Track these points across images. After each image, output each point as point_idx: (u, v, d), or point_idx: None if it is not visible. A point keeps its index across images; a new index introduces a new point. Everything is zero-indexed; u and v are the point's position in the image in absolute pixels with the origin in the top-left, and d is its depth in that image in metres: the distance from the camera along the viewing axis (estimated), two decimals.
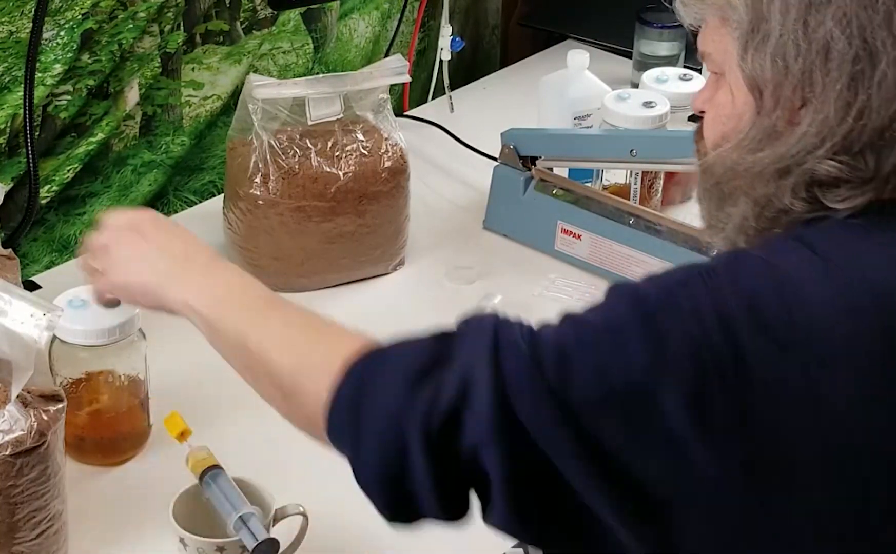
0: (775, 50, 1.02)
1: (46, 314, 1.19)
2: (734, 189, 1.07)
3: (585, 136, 1.89)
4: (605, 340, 0.97)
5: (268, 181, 1.67)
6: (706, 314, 0.96)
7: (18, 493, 1.18)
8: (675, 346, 0.95)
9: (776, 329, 0.95)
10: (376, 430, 1.02)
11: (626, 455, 0.95)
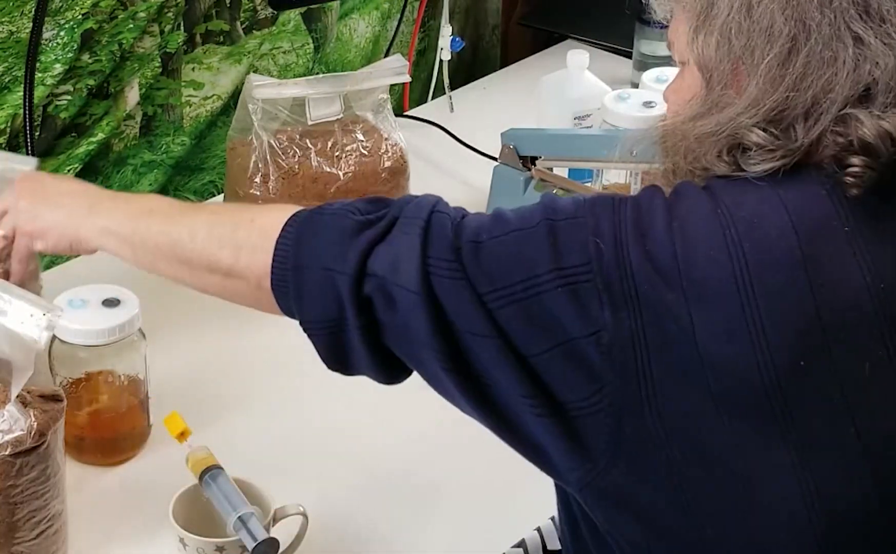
0: (721, 30, 1.09)
1: (46, 314, 1.19)
2: (667, 147, 1.14)
3: (585, 136, 1.88)
4: (513, 240, 1.06)
5: (268, 181, 1.67)
6: (604, 233, 1.04)
7: (18, 493, 1.18)
8: (570, 257, 1.03)
9: (661, 259, 1.02)
10: (314, 284, 1.11)
11: (526, 347, 1.04)
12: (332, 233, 1.12)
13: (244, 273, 1.17)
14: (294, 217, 1.15)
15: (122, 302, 1.40)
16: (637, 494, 1.04)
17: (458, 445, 1.42)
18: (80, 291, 1.41)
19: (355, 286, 1.08)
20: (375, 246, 1.09)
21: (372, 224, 1.11)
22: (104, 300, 1.40)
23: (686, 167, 1.11)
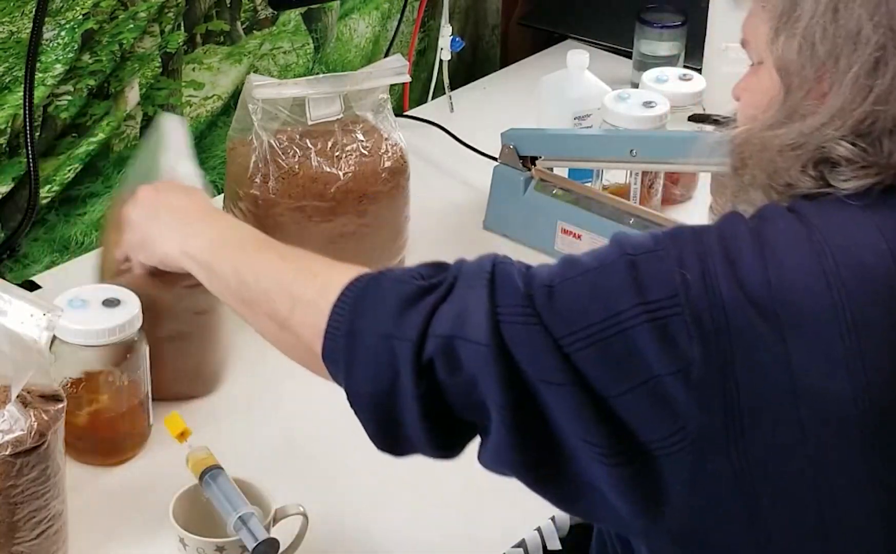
0: (804, 33, 1.03)
1: (46, 314, 1.19)
2: (746, 159, 1.09)
3: (585, 136, 1.89)
4: (591, 280, 1.01)
5: (268, 181, 1.67)
6: (689, 265, 0.99)
7: (18, 493, 1.18)
8: (655, 291, 0.99)
9: (753, 287, 0.98)
10: (369, 352, 1.05)
11: (607, 389, 0.98)
12: (392, 299, 1.06)
13: (297, 330, 1.13)
14: (355, 281, 1.10)
15: (122, 302, 1.40)
16: (708, 531, 1.00)
17: None
18: (80, 291, 1.41)
19: (416, 351, 1.03)
20: (438, 307, 1.04)
21: (434, 288, 1.07)
22: (104, 300, 1.40)
23: (766, 181, 1.07)
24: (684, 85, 1.98)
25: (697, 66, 2.12)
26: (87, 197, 1.89)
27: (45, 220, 1.84)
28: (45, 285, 1.70)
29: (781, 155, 1.05)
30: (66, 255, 1.86)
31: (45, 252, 1.85)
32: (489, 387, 1.00)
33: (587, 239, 1.78)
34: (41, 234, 1.84)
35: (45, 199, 1.82)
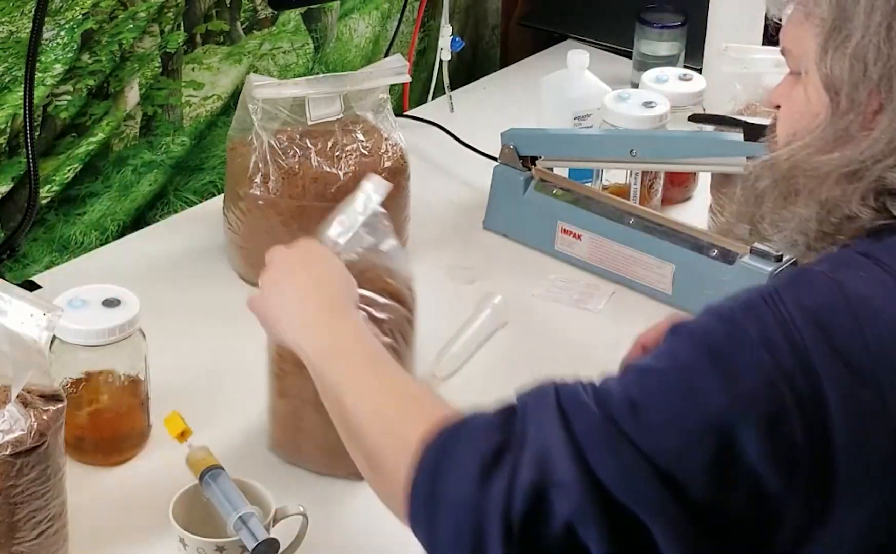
0: (856, 52, 1.00)
1: (46, 314, 1.19)
2: (799, 188, 1.04)
3: (585, 136, 1.88)
4: (675, 385, 0.95)
5: (268, 181, 1.67)
6: (776, 341, 0.93)
7: (18, 493, 1.18)
8: (748, 380, 0.93)
9: (848, 351, 0.93)
10: (452, 523, 0.99)
11: (712, 497, 0.93)
12: (472, 461, 0.98)
13: (383, 469, 1.08)
14: (437, 436, 1.02)
15: (122, 302, 1.40)
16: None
17: None
18: (80, 291, 1.41)
19: (504, 516, 0.95)
20: (518, 462, 0.96)
21: (510, 440, 0.98)
22: (104, 300, 1.40)
23: (818, 212, 1.03)
24: (684, 85, 1.97)
25: (697, 66, 2.12)
26: (87, 197, 1.89)
27: (44, 220, 1.84)
28: (45, 285, 1.70)
29: (838, 185, 1.01)
30: (66, 255, 1.86)
31: (44, 252, 1.85)
32: (588, 530, 0.93)
33: (587, 239, 1.78)
34: (41, 234, 1.84)
35: (44, 199, 1.82)
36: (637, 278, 1.74)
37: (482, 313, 1.65)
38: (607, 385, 0.98)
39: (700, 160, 1.76)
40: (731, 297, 1.00)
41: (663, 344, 0.99)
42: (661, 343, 1.00)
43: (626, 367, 1.00)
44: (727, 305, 0.98)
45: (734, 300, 0.98)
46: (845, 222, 1.02)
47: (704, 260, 1.69)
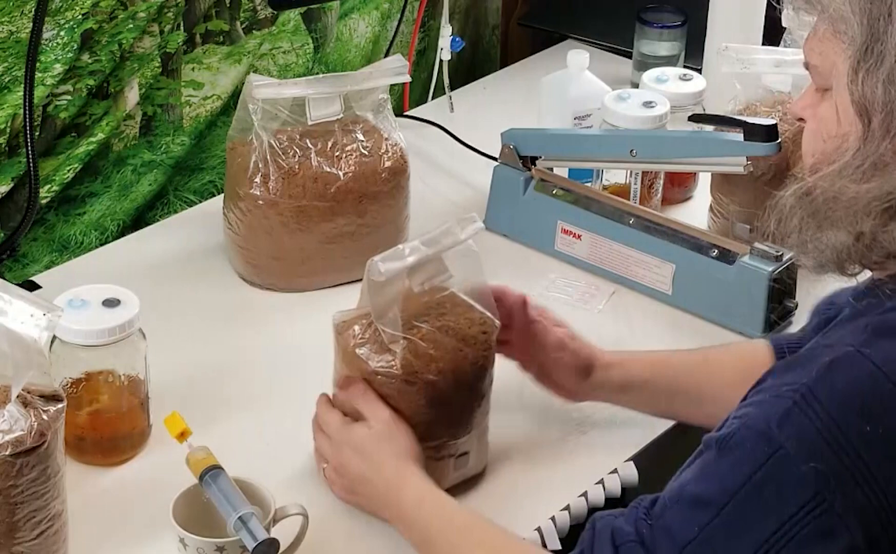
0: (890, 75, 0.98)
1: (46, 314, 1.19)
2: (833, 218, 1.03)
3: (585, 136, 1.88)
4: (726, 516, 0.98)
5: (268, 181, 1.67)
6: (817, 449, 0.94)
7: (18, 493, 1.18)
8: (794, 499, 0.94)
9: (893, 440, 0.94)
10: None
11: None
12: None
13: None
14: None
15: (122, 302, 1.40)
16: None
17: None
18: (80, 290, 1.41)
19: None
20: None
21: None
22: (104, 300, 1.40)
23: (858, 247, 1.02)
24: (684, 85, 1.97)
25: (697, 66, 2.12)
26: (87, 197, 1.89)
27: (44, 220, 1.84)
28: (45, 285, 1.70)
29: (870, 216, 0.99)
30: (66, 255, 1.86)
31: (44, 252, 1.85)
32: None
33: (587, 239, 1.78)
34: (40, 233, 1.84)
35: (44, 199, 1.81)
36: (637, 278, 1.74)
37: None
38: (656, 533, 1.01)
39: (700, 160, 1.76)
40: (762, 401, 0.99)
41: (708, 460, 1.00)
42: (704, 455, 1.01)
43: (682, 488, 1.02)
44: (763, 415, 0.97)
45: (769, 405, 0.97)
46: (881, 253, 1.01)
47: (704, 260, 1.69)
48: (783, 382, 1.00)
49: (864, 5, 1.00)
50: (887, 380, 0.96)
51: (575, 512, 1.40)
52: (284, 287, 1.72)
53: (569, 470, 1.45)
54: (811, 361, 1.01)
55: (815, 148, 1.07)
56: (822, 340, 1.04)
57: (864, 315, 1.03)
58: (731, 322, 1.67)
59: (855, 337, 1.00)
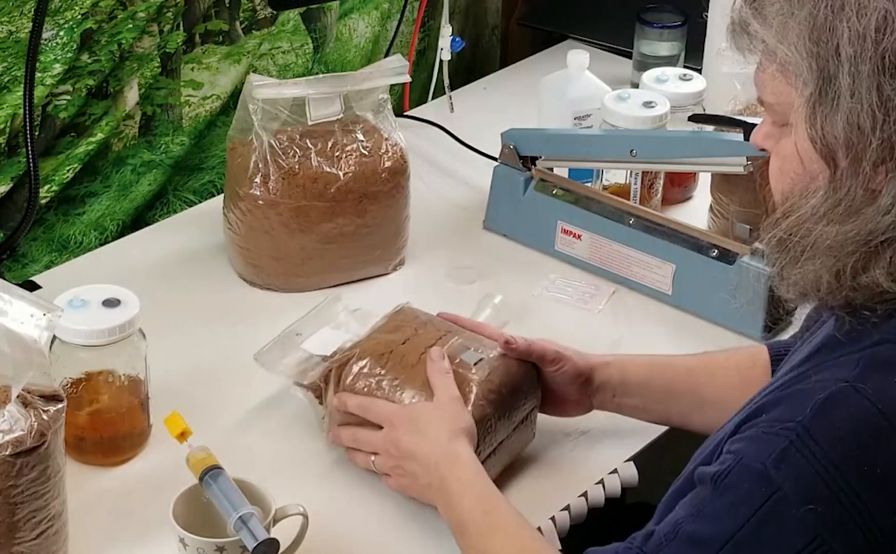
0: (849, 116, 0.96)
1: (46, 314, 1.19)
2: (808, 259, 1.02)
3: (585, 136, 1.88)
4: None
5: (268, 181, 1.67)
6: (816, 492, 0.94)
7: (18, 493, 1.18)
8: (794, 543, 0.94)
9: (894, 472, 0.94)
10: None
11: None
12: None
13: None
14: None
15: (122, 302, 1.40)
16: None
17: None
18: (80, 290, 1.41)
19: None
20: None
21: None
22: (104, 300, 1.40)
23: (837, 281, 1.01)
24: (684, 85, 1.97)
25: (697, 66, 2.12)
26: (86, 197, 1.89)
27: (44, 220, 1.84)
28: (45, 285, 1.70)
29: (848, 253, 0.98)
30: (66, 255, 1.86)
31: (44, 252, 1.85)
32: None
33: (587, 239, 1.78)
34: (40, 233, 1.84)
35: (44, 199, 1.81)
36: (637, 278, 1.74)
37: (482, 313, 1.65)
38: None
39: (700, 160, 1.75)
40: (762, 427, 0.99)
41: (704, 498, 1.00)
42: (699, 491, 1.01)
43: (677, 526, 1.01)
44: (759, 454, 0.97)
45: (765, 443, 0.97)
46: (865, 293, 1.00)
47: (704, 260, 1.69)
48: (776, 419, 1.00)
49: (812, 49, 0.98)
50: (884, 417, 0.95)
51: (575, 512, 1.40)
52: (284, 287, 1.72)
53: (569, 470, 1.45)
54: (805, 395, 1.00)
55: (784, 187, 1.06)
56: (814, 375, 1.03)
57: (850, 345, 1.03)
58: (731, 322, 1.67)
59: (848, 371, 1.00)
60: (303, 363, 1.46)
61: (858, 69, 0.96)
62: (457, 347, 1.41)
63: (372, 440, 1.37)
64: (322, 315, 1.53)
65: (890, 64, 0.95)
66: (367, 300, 1.67)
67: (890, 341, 1.00)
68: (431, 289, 1.74)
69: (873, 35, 0.96)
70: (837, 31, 0.97)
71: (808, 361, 1.08)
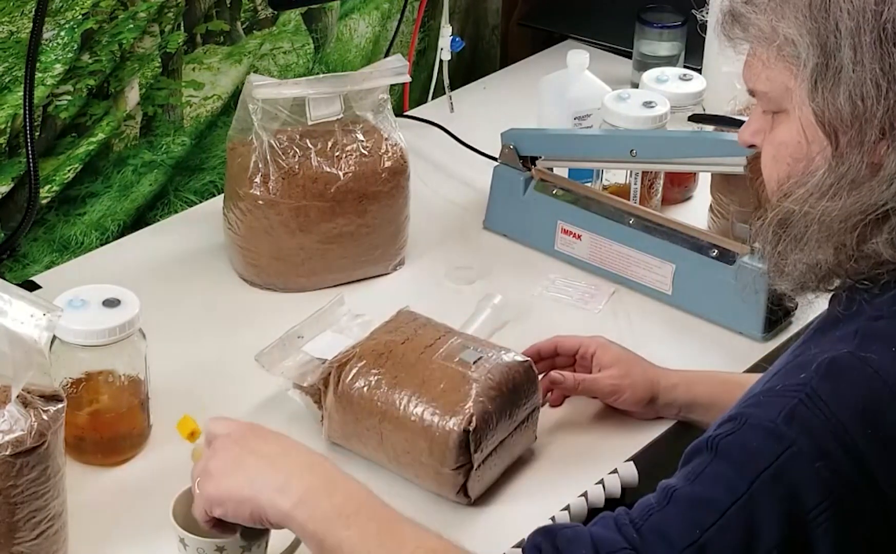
0: (852, 89, 0.96)
1: (46, 314, 1.19)
2: (816, 237, 1.02)
3: (585, 136, 1.88)
4: (735, 521, 0.94)
5: (268, 181, 1.67)
6: (829, 451, 0.92)
7: (18, 493, 1.18)
8: (811, 496, 0.92)
9: (893, 445, 0.93)
10: None
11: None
12: None
13: None
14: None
15: (122, 302, 1.40)
16: None
17: None
18: (80, 290, 1.41)
19: None
20: None
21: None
22: (104, 300, 1.40)
23: (837, 258, 1.01)
24: (684, 85, 1.97)
25: (697, 66, 2.12)
26: (87, 197, 1.89)
27: (44, 220, 1.84)
28: (45, 285, 1.70)
29: (849, 228, 0.98)
30: (66, 255, 1.86)
31: (44, 252, 1.85)
32: None
33: (587, 239, 1.78)
34: (41, 233, 1.84)
35: (44, 199, 1.82)
36: (637, 278, 1.74)
37: (482, 313, 1.65)
38: (658, 526, 0.95)
39: (700, 160, 1.76)
40: (763, 402, 0.97)
41: (701, 463, 0.97)
42: (694, 462, 0.97)
43: (669, 492, 0.97)
44: (766, 414, 0.95)
45: (770, 404, 0.95)
46: (866, 263, 1.00)
47: (704, 260, 1.69)
48: (779, 384, 0.99)
49: (811, 26, 0.98)
50: (885, 385, 0.95)
51: (575, 512, 1.40)
52: (284, 287, 1.72)
53: (569, 470, 1.45)
54: (805, 364, 1.00)
55: (780, 172, 1.06)
56: (814, 348, 1.02)
57: (846, 322, 1.02)
58: (731, 322, 1.67)
59: (846, 343, 0.99)
60: (303, 366, 1.46)
61: (860, 41, 0.96)
62: (456, 346, 1.41)
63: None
64: (325, 318, 1.53)
65: (892, 34, 0.96)
66: (367, 300, 1.67)
67: (884, 316, 1.00)
68: (431, 289, 1.75)
69: (873, 7, 0.96)
70: (836, 6, 0.97)
71: (805, 343, 1.07)
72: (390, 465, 1.40)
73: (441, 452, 1.35)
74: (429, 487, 1.38)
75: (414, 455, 1.37)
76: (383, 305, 1.54)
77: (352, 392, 1.40)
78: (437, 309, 1.53)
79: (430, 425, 1.35)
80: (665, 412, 1.47)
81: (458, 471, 1.35)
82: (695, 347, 1.64)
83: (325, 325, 1.52)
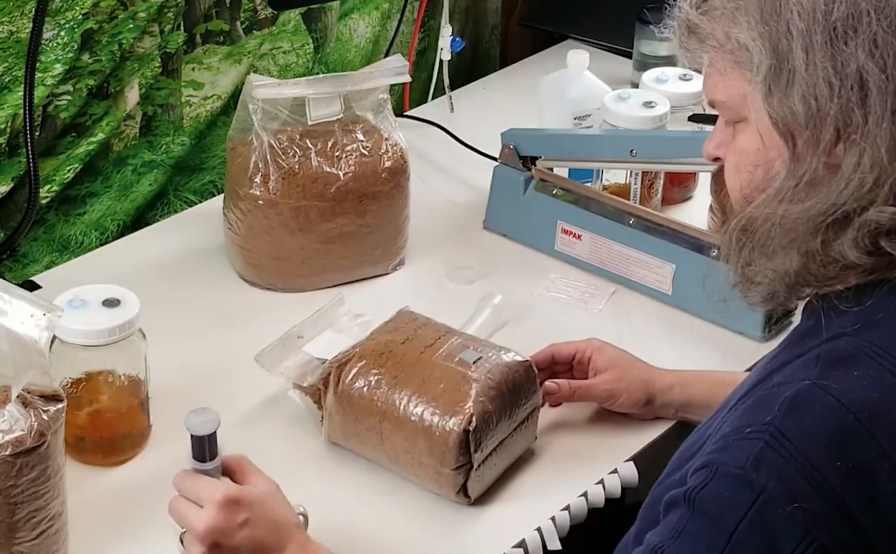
0: (805, 90, 0.97)
1: (46, 314, 1.19)
2: (775, 242, 1.02)
3: (585, 136, 1.88)
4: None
5: (268, 181, 1.67)
6: (800, 489, 0.93)
7: (18, 493, 1.18)
8: (788, 541, 0.92)
9: (867, 470, 0.93)
10: None
11: None
12: None
13: None
14: None
15: (122, 302, 1.40)
16: None
17: None
18: (80, 290, 1.41)
19: None
20: None
21: None
22: (104, 300, 1.40)
23: (803, 263, 1.00)
24: (684, 85, 1.97)
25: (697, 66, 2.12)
26: (87, 197, 1.89)
27: (44, 220, 1.84)
28: (45, 285, 1.70)
29: (813, 232, 0.98)
30: (66, 255, 1.86)
31: (44, 252, 1.85)
32: None
33: (587, 239, 1.78)
34: (41, 233, 1.84)
35: (44, 199, 1.82)
36: (637, 278, 1.74)
37: (482, 313, 1.65)
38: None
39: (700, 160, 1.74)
40: (731, 436, 0.97)
41: (682, 519, 0.97)
42: (673, 515, 0.98)
43: (656, 551, 0.97)
44: (735, 460, 0.95)
45: (739, 448, 0.95)
46: (835, 267, 1.00)
47: (704, 260, 1.69)
48: (745, 425, 0.98)
49: (763, 30, 0.99)
50: (848, 412, 0.95)
51: (575, 512, 1.40)
52: (284, 287, 1.72)
53: (569, 470, 1.45)
54: (769, 399, 0.99)
55: (742, 180, 1.06)
56: (776, 378, 1.02)
57: (809, 339, 1.02)
58: (730, 322, 1.67)
59: (808, 370, 0.99)
60: (303, 366, 1.46)
61: (812, 41, 0.97)
62: (456, 346, 1.41)
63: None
64: (325, 318, 1.53)
65: (842, 33, 0.96)
66: (367, 300, 1.67)
67: (845, 334, 1.00)
68: (431, 289, 1.75)
69: (823, 7, 0.97)
70: (787, 8, 0.98)
71: (771, 361, 1.07)
72: (390, 465, 1.40)
73: (441, 452, 1.35)
74: (429, 486, 1.38)
75: (414, 455, 1.37)
76: (383, 305, 1.54)
77: (352, 392, 1.40)
78: (437, 309, 1.53)
79: (430, 425, 1.35)
80: (662, 413, 1.48)
81: (458, 471, 1.35)
82: (695, 347, 1.64)
83: (325, 325, 1.52)
